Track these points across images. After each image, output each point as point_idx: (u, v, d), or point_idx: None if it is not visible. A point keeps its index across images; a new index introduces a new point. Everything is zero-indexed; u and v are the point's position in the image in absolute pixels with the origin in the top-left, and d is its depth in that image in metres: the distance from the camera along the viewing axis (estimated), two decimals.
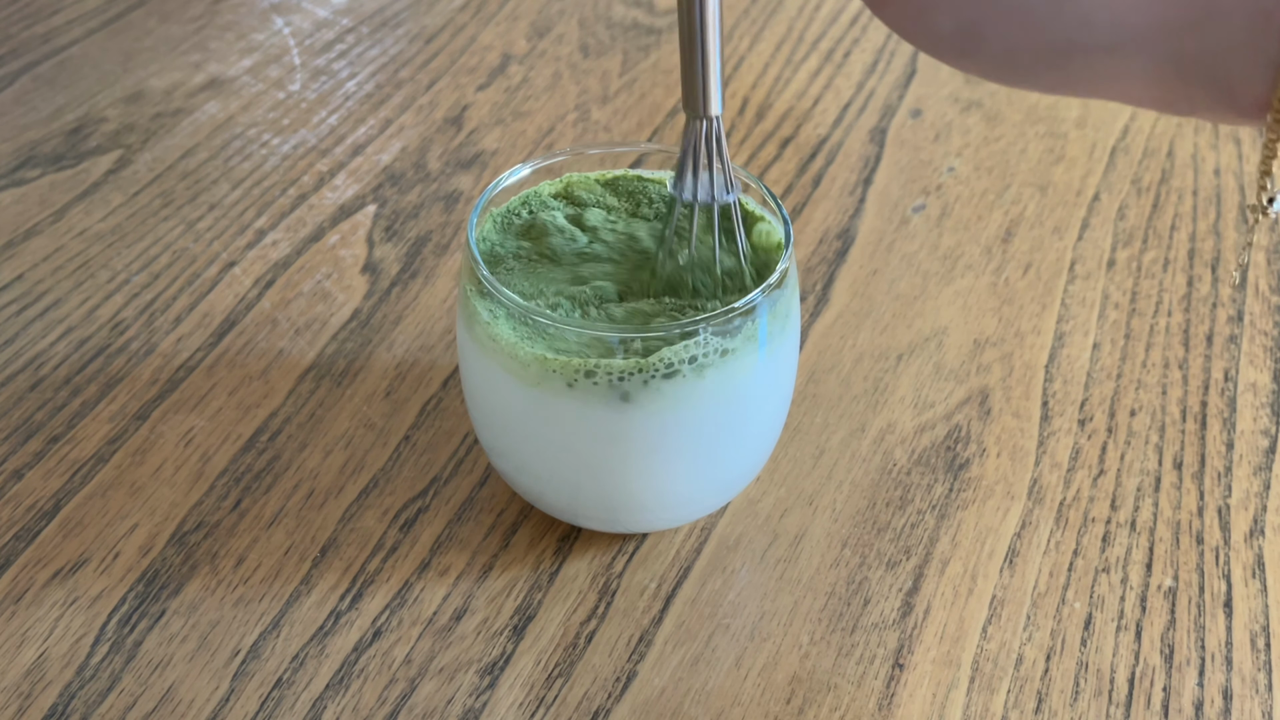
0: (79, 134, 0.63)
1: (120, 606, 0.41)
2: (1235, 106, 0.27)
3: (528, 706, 0.39)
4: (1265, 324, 0.53)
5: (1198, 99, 0.27)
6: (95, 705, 0.38)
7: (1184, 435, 0.48)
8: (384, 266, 0.55)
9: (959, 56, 0.29)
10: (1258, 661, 0.41)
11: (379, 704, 0.39)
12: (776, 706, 0.39)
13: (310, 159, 0.61)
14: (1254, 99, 0.26)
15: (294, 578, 0.42)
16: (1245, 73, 0.26)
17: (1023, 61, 0.28)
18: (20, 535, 0.43)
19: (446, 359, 0.50)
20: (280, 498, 0.45)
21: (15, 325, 0.52)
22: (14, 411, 0.48)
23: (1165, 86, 0.27)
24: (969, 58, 0.29)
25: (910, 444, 0.48)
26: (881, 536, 0.44)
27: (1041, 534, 0.44)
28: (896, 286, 0.55)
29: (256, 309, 0.53)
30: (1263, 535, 0.45)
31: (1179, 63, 0.27)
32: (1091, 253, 0.57)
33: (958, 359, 0.51)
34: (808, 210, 0.59)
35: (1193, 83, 0.27)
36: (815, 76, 0.68)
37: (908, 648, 0.41)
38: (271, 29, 0.72)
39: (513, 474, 0.42)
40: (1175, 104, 0.28)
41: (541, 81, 0.68)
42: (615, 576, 0.43)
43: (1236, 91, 0.27)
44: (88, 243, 0.56)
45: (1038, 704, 0.39)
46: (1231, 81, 0.26)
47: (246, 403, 0.48)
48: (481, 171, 0.61)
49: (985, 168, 0.62)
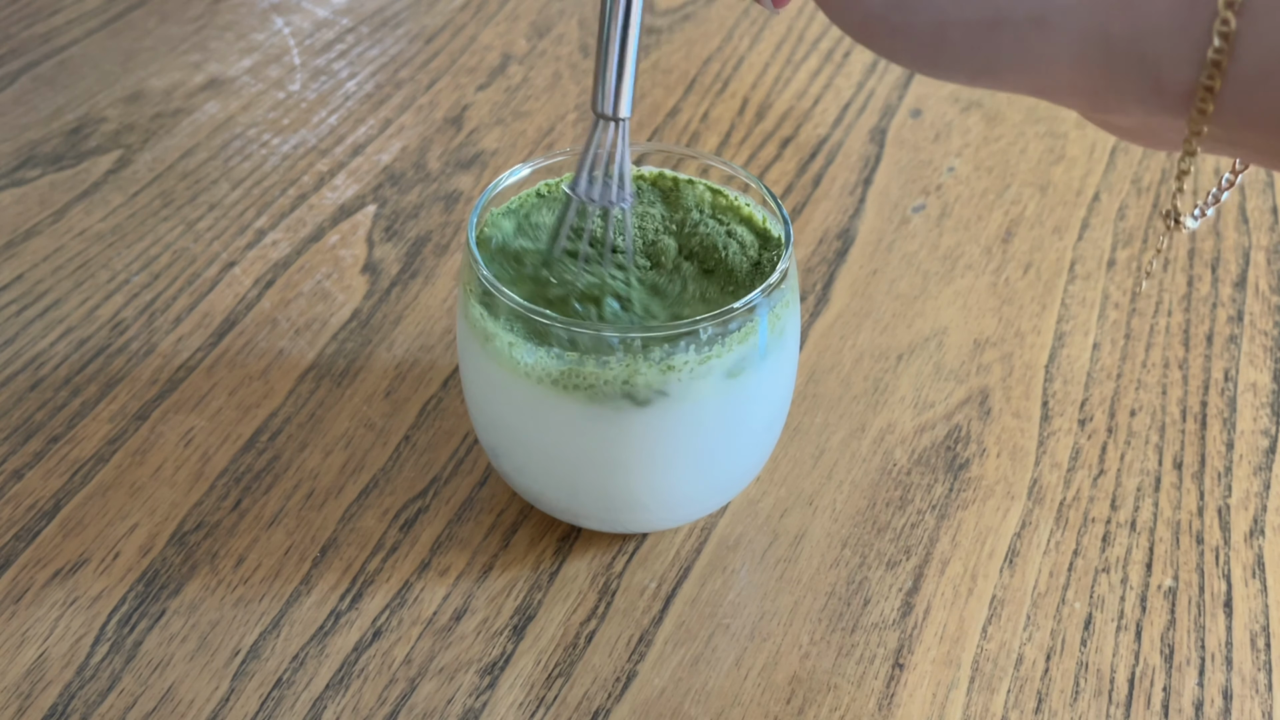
0: (79, 134, 0.63)
1: (120, 606, 0.41)
2: (1162, 95, 0.26)
3: (528, 706, 0.39)
4: (1265, 324, 0.53)
5: (1125, 88, 0.27)
6: (95, 705, 0.38)
7: (1184, 435, 0.48)
8: (384, 266, 0.55)
9: (890, 36, 0.28)
10: (1258, 661, 0.41)
11: (379, 704, 0.39)
12: (776, 706, 0.39)
13: (310, 159, 0.61)
14: (1181, 86, 0.26)
15: (294, 578, 0.42)
16: (1173, 55, 0.25)
17: (952, 37, 0.28)
18: (20, 535, 0.43)
19: (446, 359, 0.51)
20: (280, 498, 0.45)
21: (15, 325, 0.52)
22: (14, 411, 0.48)
23: (1092, 73, 0.27)
24: (899, 36, 0.28)
25: (910, 444, 0.48)
26: (881, 536, 0.44)
27: (1041, 534, 0.44)
28: (896, 286, 0.55)
29: (256, 309, 0.53)
30: (1263, 535, 0.45)
31: (1106, 44, 0.26)
32: (1091, 253, 0.57)
33: (958, 359, 0.51)
34: (808, 210, 0.59)
35: (1120, 68, 0.26)
36: (815, 76, 0.68)
37: (908, 648, 0.41)
38: (271, 29, 0.72)
39: (513, 474, 0.42)
40: (1103, 95, 0.27)
41: (541, 81, 0.68)
42: (615, 576, 0.43)
43: (1164, 78, 0.26)
44: (88, 243, 0.56)
45: (1038, 704, 0.39)
46: (1160, 66, 0.26)
47: (246, 403, 0.48)
48: (481, 171, 0.61)
49: (985, 168, 0.62)
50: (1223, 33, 0.24)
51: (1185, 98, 0.26)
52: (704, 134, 0.64)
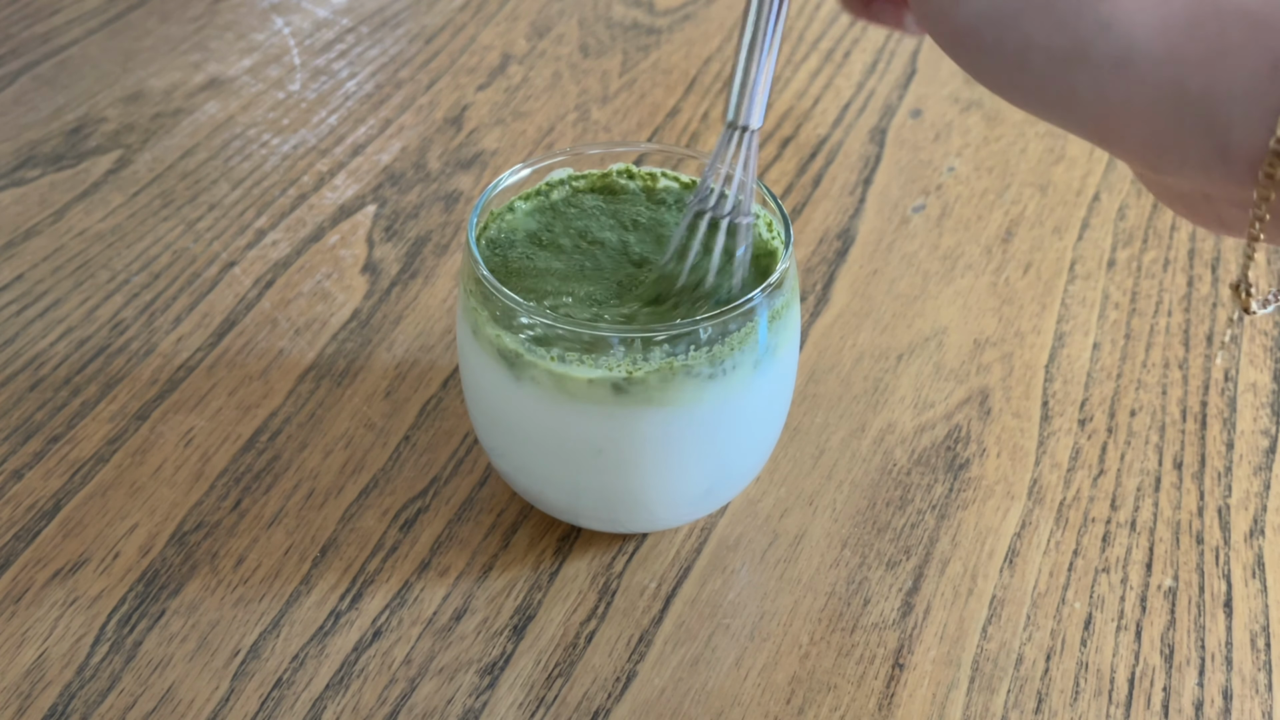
0: (79, 134, 0.63)
1: (120, 606, 0.41)
2: (1226, 160, 0.26)
3: (528, 706, 0.39)
4: (1265, 324, 0.53)
5: (1189, 147, 0.27)
6: (95, 705, 0.38)
7: (1184, 435, 0.48)
8: (384, 266, 0.55)
9: (976, 50, 0.29)
10: (1258, 661, 0.41)
11: (379, 704, 0.39)
12: (776, 706, 0.39)
13: (310, 159, 0.61)
14: (1248, 151, 0.26)
15: (294, 578, 0.42)
16: (1245, 120, 0.26)
17: (1035, 62, 0.28)
18: (20, 535, 0.43)
19: (446, 359, 0.50)
20: (280, 498, 0.45)
21: (15, 325, 0.52)
22: (14, 411, 0.48)
23: (1159, 126, 0.27)
24: (986, 53, 0.28)
25: (910, 444, 0.48)
26: (881, 536, 0.44)
27: (1041, 534, 0.44)
28: (896, 286, 0.55)
29: (256, 309, 0.53)
30: (1263, 535, 0.45)
31: (1180, 99, 0.26)
32: (1091, 253, 0.57)
33: (958, 359, 0.51)
34: (808, 210, 0.59)
35: (1188, 126, 0.27)
36: (815, 76, 0.68)
37: (908, 648, 0.41)
38: (271, 29, 0.72)
39: (513, 474, 0.42)
40: (1165, 152, 0.27)
41: (541, 81, 0.68)
42: (615, 576, 0.43)
43: (1232, 140, 0.26)
44: (88, 243, 0.56)
45: (1038, 704, 0.39)
46: (1230, 128, 0.26)
47: (246, 403, 0.48)
48: (481, 171, 0.61)
49: (985, 168, 0.62)
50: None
51: (1250, 162, 0.26)
52: (704, 134, 0.64)
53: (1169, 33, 0.26)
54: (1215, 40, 0.26)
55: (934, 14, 0.29)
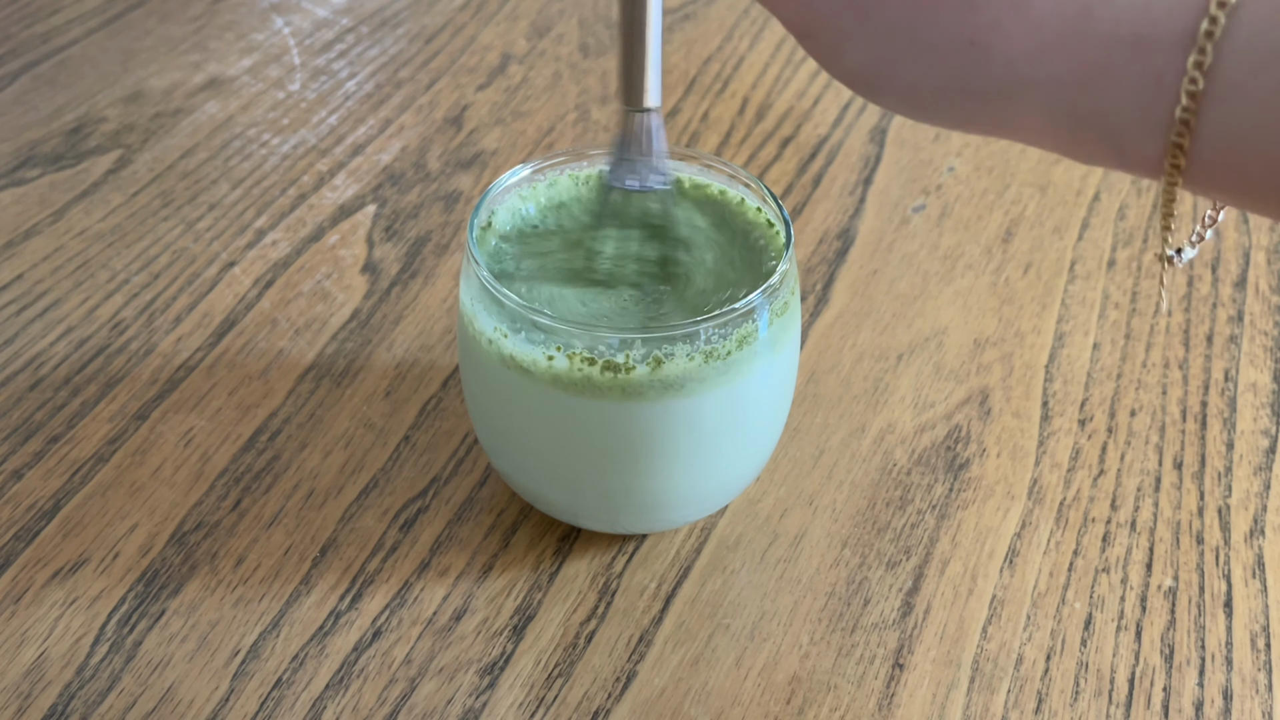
0: (79, 134, 0.63)
1: (120, 606, 0.41)
2: (1126, 163, 0.28)
3: (528, 706, 0.39)
4: (1265, 324, 0.53)
5: (1093, 151, 0.28)
6: (95, 705, 0.38)
7: (1184, 435, 0.48)
8: (384, 266, 0.55)
9: (868, 90, 0.30)
10: (1258, 661, 0.41)
11: (379, 704, 0.39)
12: (776, 706, 0.39)
13: (310, 159, 0.61)
14: (1144, 158, 0.27)
15: (294, 578, 0.42)
16: (1136, 133, 0.27)
17: (924, 98, 0.29)
18: (20, 535, 0.43)
19: (446, 359, 0.50)
20: (280, 498, 0.45)
21: (15, 325, 0.52)
22: (14, 411, 0.48)
23: (1061, 137, 0.28)
24: (877, 92, 0.30)
25: (910, 444, 0.48)
26: (881, 536, 0.44)
27: (1041, 534, 0.44)
28: (896, 286, 0.55)
29: (256, 309, 0.53)
30: (1263, 535, 0.45)
31: (1073, 116, 0.27)
32: (1091, 253, 0.57)
33: (958, 359, 0.51)
34: (808, 210, 0.59)
35: (1086, 137, 0.28)
36: (815, 76, 0.68)
37: (908, 648, 0.41)
38: (271, 29, 0.72)
39: (513, 474, 0.42)
40: (1073, 152, 0.29)
41: (541, 81, 0.68)
42: (615, 576, 0.43)
43: (1127, 150, 0.27)
44: (88, 243, 0.56)
45: (1038, 704, 0.39)
46: (1123, 140, 0.27)
47: (246, 403, 0.48)
48: (481, 171, 0.61)
49: (985, 168, 0.62)
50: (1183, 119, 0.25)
51: (1150, 166, 0.27)
52: (704, 134, 0.64)
53: (1047, 58, 0.27)
54: (1097, 59, 0.26)
55: (822, 61, 0.31)
